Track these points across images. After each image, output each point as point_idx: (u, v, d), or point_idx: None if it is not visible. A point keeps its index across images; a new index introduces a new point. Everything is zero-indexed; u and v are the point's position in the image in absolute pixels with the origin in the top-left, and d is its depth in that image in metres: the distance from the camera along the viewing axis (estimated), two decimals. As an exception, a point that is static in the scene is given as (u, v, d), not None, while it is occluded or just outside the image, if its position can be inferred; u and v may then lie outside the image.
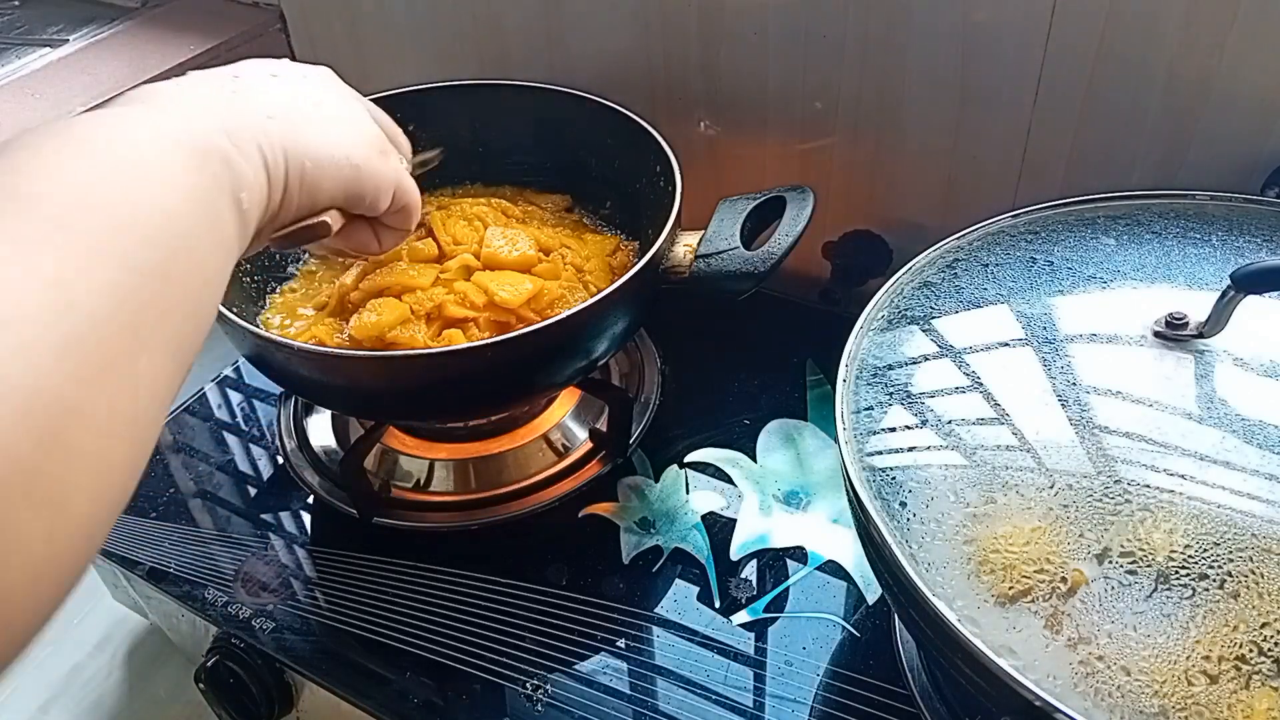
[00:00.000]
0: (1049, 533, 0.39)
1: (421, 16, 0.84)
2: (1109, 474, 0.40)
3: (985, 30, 0.62)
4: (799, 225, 0.57)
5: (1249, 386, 0.43)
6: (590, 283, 0.64)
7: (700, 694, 0.53)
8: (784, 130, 0.74)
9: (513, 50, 0.81)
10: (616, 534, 0.61)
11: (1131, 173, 0.63)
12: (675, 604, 0.57)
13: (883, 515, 0.40)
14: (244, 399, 0.75)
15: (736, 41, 0.71)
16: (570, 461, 0.66)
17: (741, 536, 0.61)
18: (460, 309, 0.59)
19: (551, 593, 0.58)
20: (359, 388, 0.56)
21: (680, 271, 0.58)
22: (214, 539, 0.63)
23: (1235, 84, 0.57)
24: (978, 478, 0.41)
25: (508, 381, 0.56)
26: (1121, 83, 0.60)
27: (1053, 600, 0.37)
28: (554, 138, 0.72)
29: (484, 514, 0.63)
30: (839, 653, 0.54)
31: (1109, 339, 0.46)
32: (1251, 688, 0.34)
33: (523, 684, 0.54)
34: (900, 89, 0.67)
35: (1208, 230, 0.51)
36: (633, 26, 0.74)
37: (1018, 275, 0.50)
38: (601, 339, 0.56)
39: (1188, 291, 0.48)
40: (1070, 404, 0.43)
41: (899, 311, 0.50)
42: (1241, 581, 0.36)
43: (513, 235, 0.63)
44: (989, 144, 0.66)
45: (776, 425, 0.68)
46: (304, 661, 0.56)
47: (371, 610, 0.58)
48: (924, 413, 0.45)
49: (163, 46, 0.90)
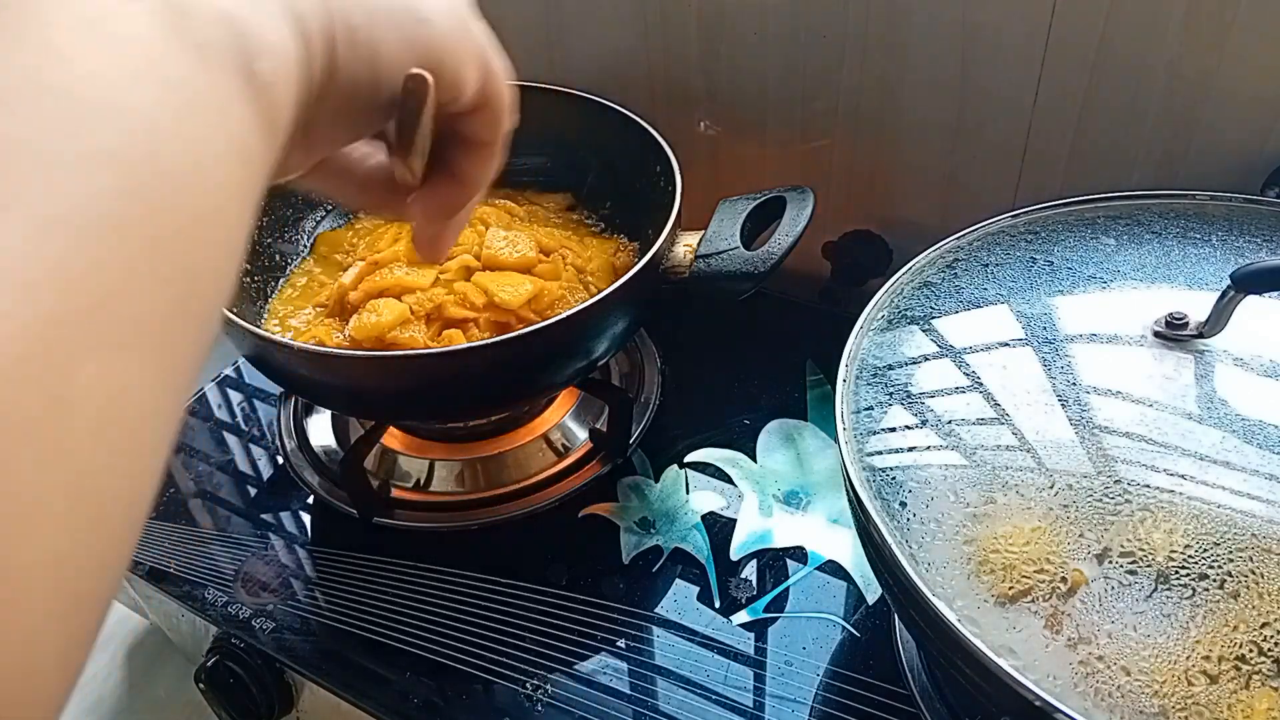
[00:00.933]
0: (1049, 533, 0.39)
1: (421, 16, 0.83)
2: (1109, 474, 0.40)
3: (985, 30, 0.62)
4: (799, 225, 0.57)
5: (1249, 386, 0.43)
6: (592, 284, 0.64)
7: (700, 694, 0.53)
8: (784, 130, 0.74)
9: (513, 50, 0.81)
10: (616, 534, 0.61)
11: (1131, 173, 0.63)
12: (675, 604, 0.57)
13: (883, 515, 0.40)
14: (244, 399, 0.75)
15: (736, 41, 0.71)
16: (570, 461, 0.66)
17: (741, 536, 0.61)
18: (460, 309, 0.59)
19: (551, 593, 0.58)
20: (359, 388, 0.56)
21: (680, 271, 0.58)
22: (214, 539, 0.63)
23: (1235, 84, 0.57)
24: (978, 478, 0.41)
25: (508, 381, 0.56)
26: (1121, 83, 0.60)
27: (1053, 600, 0.37)
28: (554, 138, 0.72)
29: (484, 514, 0.63)
30: (839, 653, 0.54)
31: (1109, 339, 0.46)
32: (1251, 688, 0.34)
33: (523, 684, 0.54)
34: (900, 89, 0.67)
35: (1208, 230, 0.51)
36: (632, 27, 0.74)
37: (1018, 275, 0.50)
38: (601, 339, 0.56)
39: (1188, 291, 0.48)
40: (1070, 404, 0.43)
41: (899, 311, 0.50)
42: (1241, 581, 0.36)
43: (513, 236, 0.63)
44: (989, 144, 0.66)
45: (776, 425, 0.68)
46: (304, 661, 0.56)
47: (371, 610, 0.58)
48: (924, 413, 0.45)
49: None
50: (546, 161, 0.73)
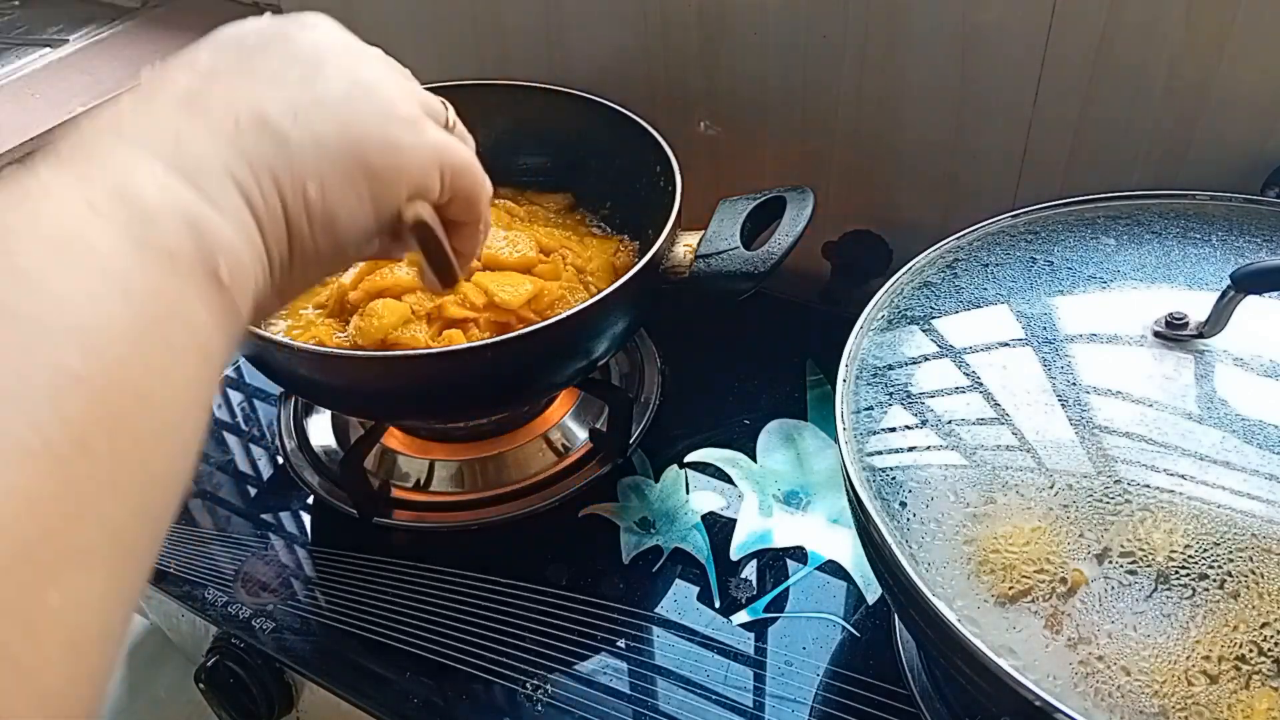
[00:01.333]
0: (1049, 533, 0.39)
1: (421, 16, 0.84)
2: (1109, 474, 0.40)
3: (985, 30, 0.62)
4: (799, 225, 0.57)
5: (1249, 386, 0.43)
6: (592, 284, 0.64)
7: (700, 694, 0.53)
8: (784, 130, 0.74)
9: (513, 50, 0.81)
10: (616, 534, 0.61)
11: (1131, 173, 0.63)
12: (675, 604, 0.57)
13: (883, 515, 0.40)
14: (244, 399, 0.75)
15: (736, 41, 0.71)
16: (570, 461, 0.66)
17: (741, 536, 0.61)
18: (460, 309, 0.59)
19: (551, 593, 0.58)
20: (359, 388, 0.56)
21: (680, 271, 0.58)
22: (214, 539, 0.63)
23: (1235, 84, 0.57)
24: (978, 478, 0.41)
25: (508, 381, 0.56)
26: (1121, 83, 0.60)
27: (1053, 600, 0.37)
28: (554, 138, 0.72)
29: (484, 514, 0.63)
30: (839, 653, 0.54)
31: (1109, 339, 0.46)
32: (1251, 688, 0.34)
33: (523, 684, 0.54)
34: (900, 89, 0.67)
35: (1208, 230, 0.51)
36: (633, 26, 0.74)
37: (1018, 275, 0.50)
38: (601, 339, 0.56)
39: (1188, 291, 0.48)
40: (1070, 404, 0.43)
41: (899, 311, 0.50)
42: (1241, 581, 0.36)
43: (513, 236, 0.63)
44: (989, 144, 0.66)
45: (776, 425, 0.68)
46: (304, 661, 0.56)
47: (371, 610, 0.58)
48: (924, 413, 0.45)
49: (163, 46, 0.90)
50: (546, 161, 0.73)
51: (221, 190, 0.25)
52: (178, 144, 0.25)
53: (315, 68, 0.29)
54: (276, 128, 0.27)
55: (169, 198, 0.23)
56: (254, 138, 0.26)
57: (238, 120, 0.26)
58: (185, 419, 0.22)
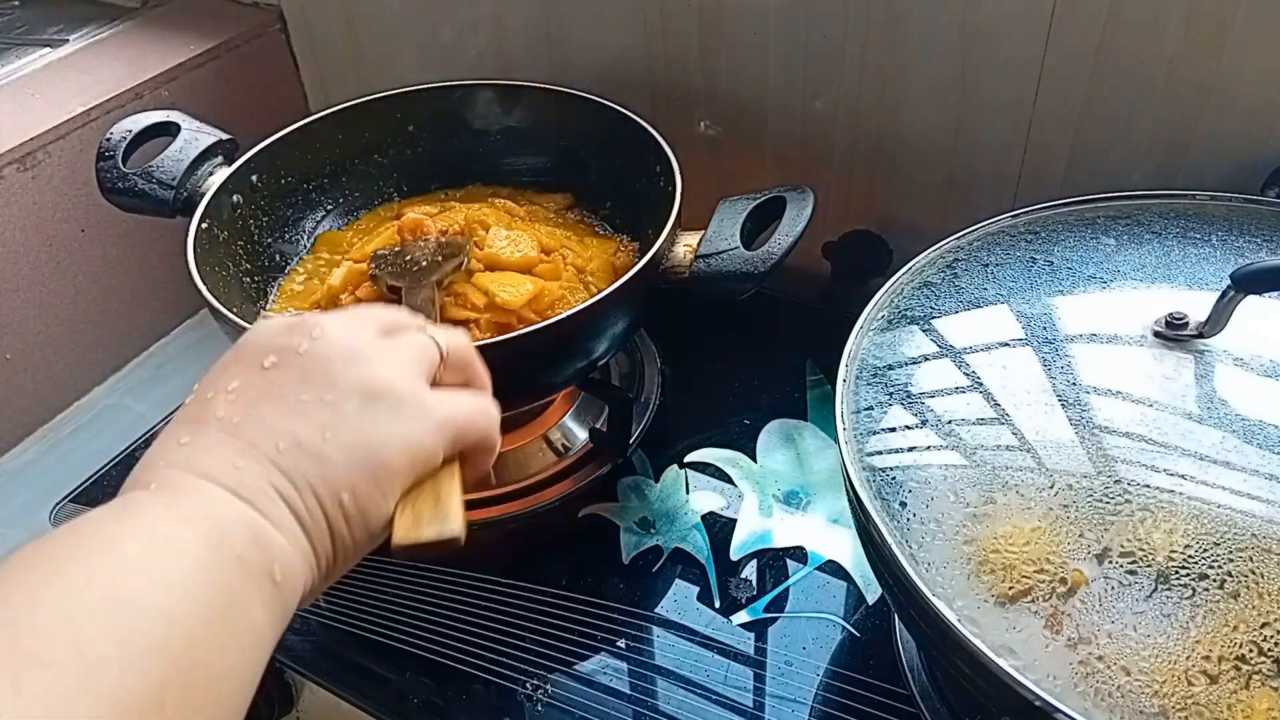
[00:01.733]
0: (1049, 533, 0.39)
1: (421, 17, 0.84)
2: (1109, 474, 0.40)
3: (985, 30, 0.62)
4: (799, 225, 0.57)
5: (1249, 386, 0.43)
6: (592, 284, 0.64)
7: (700, 694, 0.53)
8: (784, 130, 0.74)
9: (513, 50, 0.81)
10: (616, 534, 0.61)
11: (1131, 173, 0.63)
12: (675, 604, 0.57)
13: (883, 515, 0.40)
14: (244, 399, 0.75)
15: (736, 41, 0.71)
16: (570, 461, 0.66)
17: (741, 536, 0.61)
18: (460, 310, 0.59)
19: (551, 593, 0.58)
20: (359, 388, 0.56)
21: (680, 271, 0.58)
22: (214, 539, 0.63)
23: (1235, 84, 0.57)
24: (978, 478, 0.41)
25: (508, 381, 0.55)
26: (1121, 83, 0.60)
27: (1053, 600, 0.37)
28: (554, 138, 0.72)
29: (484, 514, 0.63)
30: (839, 653, 0.54)
31: (1109, 339, 0.46)
32: (1251, 688, 0.34)
33: (523, 684, 0.54)
34: (900, 89, 0.67)
35: (1208, 230, 0.51)
36: (633, 27, 0.74)
37: (1018, 275, 0.50)
38: (601, 339, 0.56)
39: (1188, 291, 0.48)
40: (1070, 404, 0.43)
41: (899, 311, 0.50)
42: (1241, 581, 0.36)
43: (514, 236, 0.63)
44: (989, 144, 0.66)
45: (776, 425, 0.68)
46: (304, 661, 0.56)
47: (371, 610, 0.58)
48: (924, 413, 0.45)
49: (163, 46, 0.90)
50: (546, 161, 0.73)
51: (273, 506, 0.30)
52: (237, 473, 0.30)
53: (330, 386, 0.33)
54: (310, 448, 0.32)
55: (235, 513, 0.29)
56: (292, 458, 0.31)
57: (278, 446, 0.31)
58: (237, 690, 0.28)
